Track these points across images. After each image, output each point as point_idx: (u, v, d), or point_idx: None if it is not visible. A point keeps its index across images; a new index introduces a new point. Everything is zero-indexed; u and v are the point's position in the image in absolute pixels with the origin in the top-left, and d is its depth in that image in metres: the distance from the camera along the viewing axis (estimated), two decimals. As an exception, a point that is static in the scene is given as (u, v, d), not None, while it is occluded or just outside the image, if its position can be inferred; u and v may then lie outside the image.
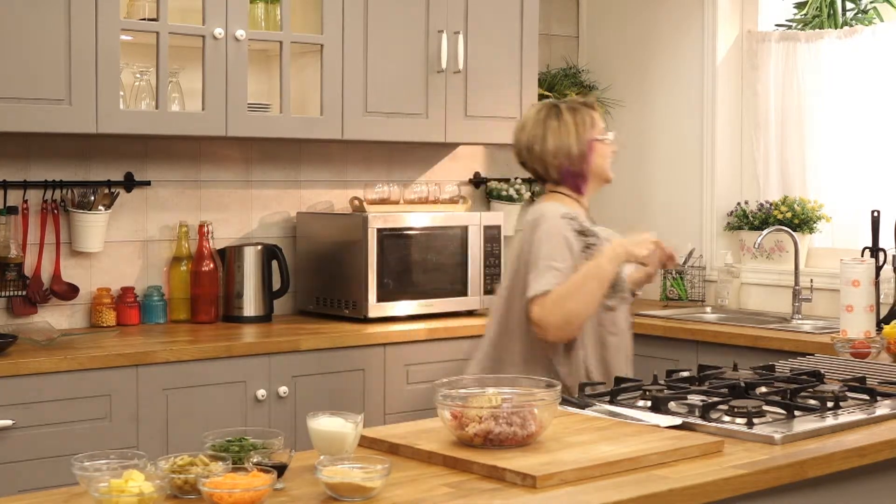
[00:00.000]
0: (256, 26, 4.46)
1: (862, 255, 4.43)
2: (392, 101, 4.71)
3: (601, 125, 3.44)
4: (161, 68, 4.19)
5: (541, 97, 5.38)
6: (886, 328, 3.70)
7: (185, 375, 3.97)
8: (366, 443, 2.44)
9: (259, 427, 3.78)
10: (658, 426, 2.58)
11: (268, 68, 4.74)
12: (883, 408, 2.85)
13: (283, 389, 4.15)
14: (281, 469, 2.15)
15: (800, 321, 4.82)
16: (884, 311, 4.39)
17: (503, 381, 2.61)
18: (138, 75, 4.36)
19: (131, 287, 4.49)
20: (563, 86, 5.60)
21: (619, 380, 3.06)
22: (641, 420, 2.65)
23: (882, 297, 4.41)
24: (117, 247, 4.52)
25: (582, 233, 3.31)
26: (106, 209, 4.39)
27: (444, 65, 4.80)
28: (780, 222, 5.08)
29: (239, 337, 4.28)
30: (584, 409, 2.78)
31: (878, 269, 4.37)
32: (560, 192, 3.44)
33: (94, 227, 4.36)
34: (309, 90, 4.64)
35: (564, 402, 2.76)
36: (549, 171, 3.42)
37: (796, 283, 4.94)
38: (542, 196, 3.51)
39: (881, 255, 4.47)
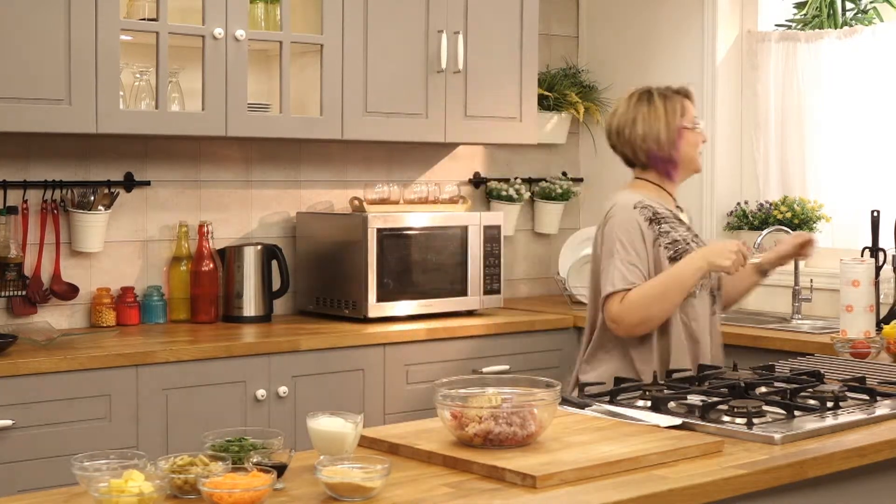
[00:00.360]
0: (256, 26, 4.46)
1: (862, 255, 4.43)
2: (392, 101, 4.71)
3: (693, 114, 3.50)
4: (161, 68, 4.19)
5: (540, 97, 5.38)
6: (886, 328, 3.70)
7: (185, 375, 3.97)
8: (365, 443, 2.44)
9: (259, 427, 3.78)
10: (658, 426, 2.59)
11: (268, 68, 4.74)
12: (883, 408, 2.85)
13: (282, 389, 4.15)
14: (281, 469, 2.15)
15: (799, 321, 4.82)
16: (883, 311, 4.39)
17: (503, 381, 2.61)
18: (138, 75, 4.36)
19: (131, 287, 4.49)
20: (562, 86, 5.60)
21: (618, 380, 3.06)
22: (641, 420, 2.65)
23: (882, 297, 4.41)
24: (117, 247, 4.52)
25: (655, 221, 3.38)
26: (106, 209, 4.39)
27: (443, 65, 4.80)
28: (780, 222, 5.07)
29: (239, 337, 4.28)
30: (583, 409, 2.78)
31: (878, 269, 4.37)
32: (644, 179, 3.54)
33: (94, 227, 4.36)
34: (309, 90, 4.64)
35: (564, 402, 2.77)
36: (637, 155, 3.52)
37: (796, 283, 4.94)
38: (626, 184, 3.59)
39: (881, 255, 4.47)
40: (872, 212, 4.55)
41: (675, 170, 3.50)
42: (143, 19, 4.21)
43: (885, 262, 4.47)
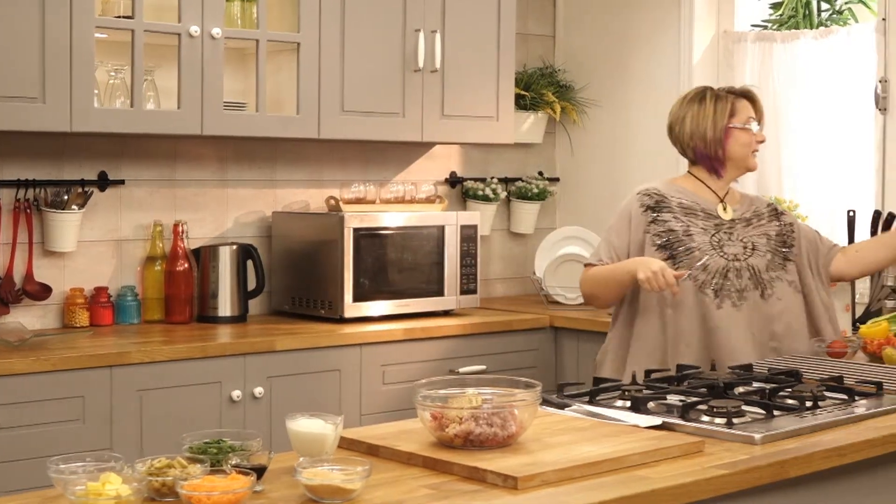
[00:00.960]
0: (233, 24, 4.43)
1: (838, 255, 4.43)
2: (369, 101, 4.70)
3: (746, 115, 3.64)
4: (136, 66, 4.16)
5: (517, 97, 5.37)
6: (864, 328, 3.71)
7: (160, 376, 3.94)
8: (345, 444, 2.42)
9: (234, 428, 3.75)
10: (638, 426, 2.58)
11: (244, 67, 4.71)
12: (861, 407, 2.85)
13: (258, 390, 4.13)
14: (260, 471, 2.13)
15: (776, 321, 4.81)
16: (859, 311, 4.40)
17: (483, 382, 2.60)
18: (113, 73, 4.33)
19: (105, 287, 4.46)
20: (539, 85, 5.59)
21: (597, 380, 3.06)
22: (621, 420, 2.64)
23: (857, 296, 4.42)
24: (91, 246, 4.48)
25: (654, 209, 3.57)
26: (79, 208, 4.36)
27: (420, 64, 4.79)
28: (756, 222, 5.07)
29: (214, 337, 4.25)
30: (563, 409, 2.77)
31: (855, 268, 4.37)
32: (692, 174, 3.71)
33: (68, 226, 4.33)
34: (285, 89, 4.61)
35: (544, 402, 2.75)
36: (685, 151, 3.70)
37: (772, 282, 4.93)
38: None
39: (857, 254, 4.47)
40: (848, 211, 4.56)
41: (722, 167, 3.65)
42: (119, 17, 4.18)
43: (861, 261, 4.47)
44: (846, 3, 5.38)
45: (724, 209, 3.64)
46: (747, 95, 3.70)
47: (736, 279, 3.52)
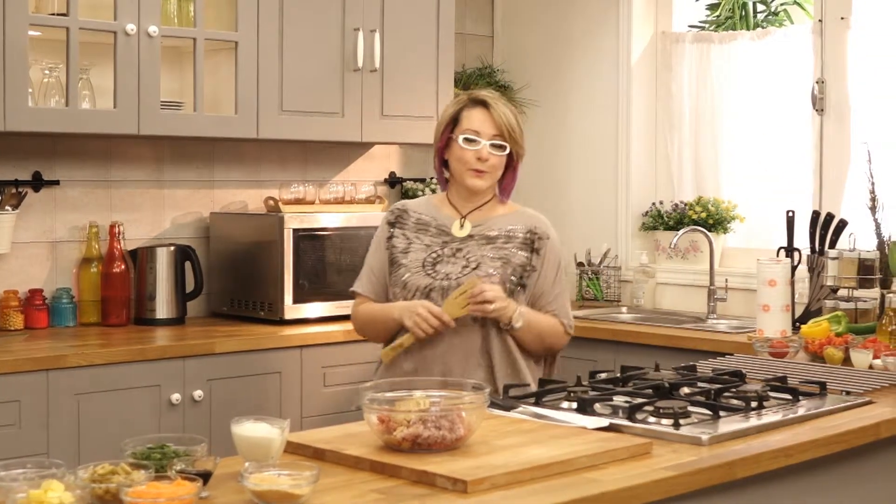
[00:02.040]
0: (169, 22, 4.37)
1: (777, 255, 4.47)
2: (308, 100, 4.66)
3: (470, 126, 3.29)
4: (71, 65, 4.09)
5: (456, 97, 5.35)
6: (805, 327, 3.74)
7: (97, 380, 3.87)
8: (290, 448, 2.39)
9: (174, 433, 3.70)
10: (585, 428, 2.57)
11: (181, 66, 4.65)
12: (805, 407, 2.86)
13: (198, 393, 4.08)
14: (206, 477, 2.09)
15: (715, 321, 4.85)
16: (799, 311, 4.43)
17: (430, 384, 2.58)
18: (47, 72, 4.25)
19: (40, 289, 4.38)
20: (478, 85, 5.57)
21: (543, 381, 3.04)
22: (568, 422, 2.63)
23: (797, 296, 4.45)
24: (25, 248, 4.40)
25: (392, 224, 3.41)
26: (13, 209, 4.28)
27: (360, 63, 4.76)
28: (695, 222, 5.11)
29: (152, 340, 4.19)
30: (509, 410, 2.75)
31: (794, 268, 4.41)
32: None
33: (1, 227, 4.25)
34: (223, 88, 4.56)
35: (491, 404, 2.74)
36: None
37: (711, 282, 4.97)
38: None
39: (796, 254, 4.51)
40: (787, 212, 4.59)
41: (444, 182, 3.45)
42: (53, 14, 4.11)
43: (800, 262, 4.51)
44: (782, 4, 5.42)
45: (462, 226, 3.34)
46: (483, 104, 3.31)
47: (441, 299, 3.24)
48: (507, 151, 3.31)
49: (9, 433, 3.69)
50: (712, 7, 5.48)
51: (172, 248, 4.58)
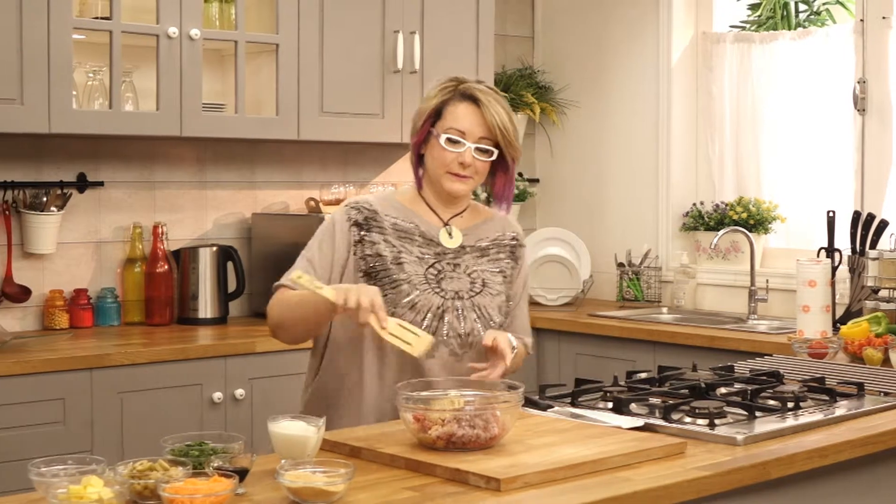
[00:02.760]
0: (211, 25, 4.42)
1: (818, 256, 4.45)
2: (348, 102, 4.69)
3: (454, 125, 2.85)
4: (114, 68, 4.14)
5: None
6: (844, 328, 3.72)
7: (140, 378, 3.92)
8: (327, 446, 2.41)
9: (215, 430, 3.73)
10: (620, 427, 2.58)
11: (222, 68, 4.70)
12: (842, 408, 2.86)
13: (239, 392, 4.12)
14: (242, 474, 2.12)
15: (755, 321, 4.84)
16: (839, 312, 4.41)
17: (465, 384, 2.59)
18: (91, 75, 4.31)
19: (84, 289, 4.44)
20: (518, 86, 5.59)
21: (579, 381, 3.05)
22: (603, 421, 2.64)
23: (837, 297, 4.44)
24: (70, 248, 4.46)
25: (361, 226, 2.87)
26: (58, 210, 4.34)
27: (399, 65, 4.78)
28: (736, 223, 5.10)
29: (194, 339, 4.23)
30: (545, 410, 2.77)
31: (834, 269, 4.40)
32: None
33: (47, 228, 4.31)
34: (264, 90, 4.60)
35: (526, 403, 2.75)
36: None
37: (752, 283, 4.96)
38: None
39: (836, 255, 4.49)
40: (828, 212, 4.58)
41: (419, 179, 2.95)
42: (97, 18, 4.16)
43: (840, 262, 4.49)
44: (824, 3, 5.40)
45: (450, 235, 2.93)
46: (474, 100, 2.86)
47: (458, 322, 2.86)
48: (495, 156, 2.88)
49: (54, 431, 3.75)
50: (753, 7, 5.47)
51: (215, 248, 4.63)
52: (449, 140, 2.83)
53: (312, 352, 3.03)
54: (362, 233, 2.88)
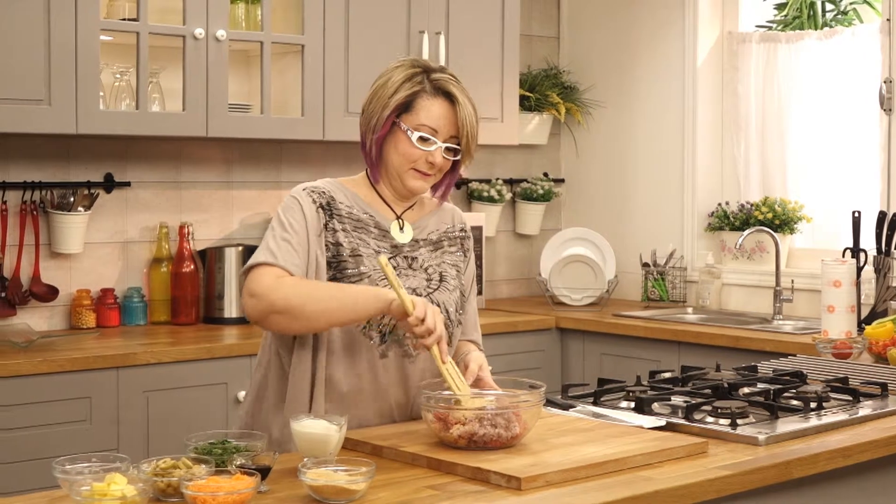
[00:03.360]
0: (237, 26, 4.44)
1: (843, 256, 4.44)
2: (373, 102, 4.69)
3: (425, 121, 2.68)
4: (141, 68, 4.17)
5: (521, 98, 5.38)
6: (869, 328, 3.71)
7: (166, 377, 3.95)
8: (349, 445, 2.43)
9: (239, 430, 3.75)
10: (642, 427, 2.58)
11: (248, 69, 4.72)
12: (866, 408, 2.85)
13: (264, 391, 4.13)
14: (264, 471, 2.13)
15: (781, 322, 4.83)
16: (864, 312, 4.40)
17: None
18: (118, 75, 4.33)
19: (111, 288, 4.47)
20: (544, 86, 5.59)
21: (602, 381, 3.06)
22: (625, 421, 2.64)
23: (863, 297, 4.42)
24: (97, 248, 4.49)
25: (325, 210, 2.68)
26: (85, 210, 4.37)
27: (425, 65, 4.79)
28: (761, 223, 5.08)
29: (220, 338, 4.26)
30: (567, 410, 2.77)
31: (860, 269, 4.38)
32: (369, 176, 2.84)
33: (74, 228, 4.34)
34: (290, 91, 4.62)
35: (548, 402, 2.76)
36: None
37: (777, 283, 4.94)
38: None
39: (862, 255, 4.47)
40: (853, 213, 4.56)
41: (376, 170, 2.76)
42: (124, 19, 4.19)
43: (865, 262, 4.47)
44: (851, 3, 5.38)
45: (402, 228, 2.76)
46: (447, 95, 2.70)
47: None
48: (459, 156, 2.73)
49: (80, 429, 3.78)
50: (780, 7, 5.45)
51: (240, 248, 4.65)
52: (421, 138, 2.66)
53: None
54: (327, 219, 2.67)
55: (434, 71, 2.73)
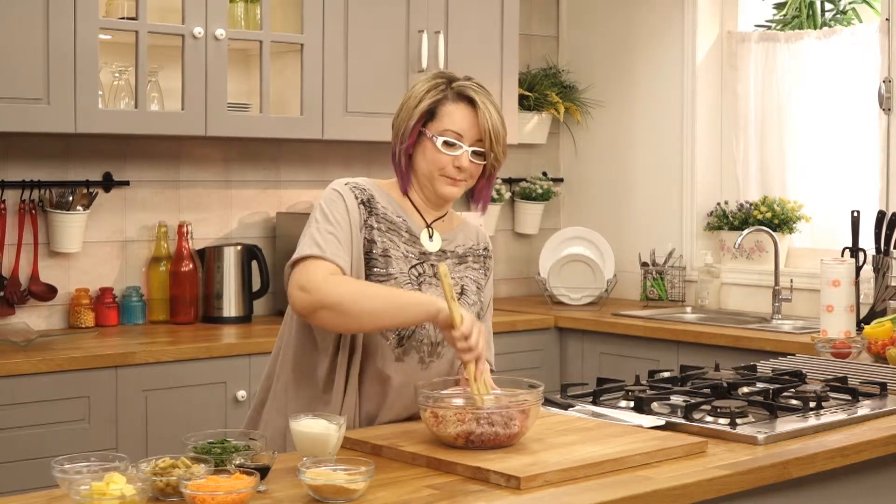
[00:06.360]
0: (236, 25, 4.44)
1: (842, 256, 4.44)
2: (372, 101, 4.70)
3: (449, 126, 2.69)
4: (140, 67, 4.17)
5: (521, 97, 5.38)
6: (868, 328, 3.71)
7: (165, 376, 3.95)
8: (348, 444, 2.43)
9: (240, 429, 3.75)
10: (641, 426, 2.58)
11: (247, 68, 4.72)
12: (864, 408, 2.85)
13: (263, 390, 4.13)
14: (263, 471, 2.13)
15: (780, 321, 4.83)
16: (863, 311, 4.40)
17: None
18: (117, 74, 4.33)
19: (110, 288, 4.46)
20: (543, 86, 5.59)
21: (601, 380, 3.06)
22: (624, 420, 2.64)
23: (862, 297, 4.42)
24: (96, 247, 4.49)
25: (366, 206, 2.71)
26: (84, 209, 4.37)
27: (424, 64, 4.79)
28: (760, 222, 5.08)
29: (218, 338, 4.26)
30: (566, 409, 2.77)
31: (858, 269, 4.38)
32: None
33: (73, 227, 4.33)
34: (289, 90, 4.62)
35: (547, 402, 2.76)
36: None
37: (776, 283, 4.94)
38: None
39: (861, 255, 4.47)
40: (852, 212, 4.56)
41: (406, 180, 2.77)
42: (123, 18, 4.19)
43: (864, 262, 4.47)
44: (850, 3, 5.38)
45: (431, 237, 2.78)
46: (469, 100, 2.70)
47: (432, 328, 2.68)
48: (487, 160, 2.73)
49: (79, 428, 3.78)
50: (779, 6, 5.45)
51: (239, 247, 4.65)
52: (446, 143, 2.68)
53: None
54: (366, 215, 2.70)
55: (457, 80, 2.76)
